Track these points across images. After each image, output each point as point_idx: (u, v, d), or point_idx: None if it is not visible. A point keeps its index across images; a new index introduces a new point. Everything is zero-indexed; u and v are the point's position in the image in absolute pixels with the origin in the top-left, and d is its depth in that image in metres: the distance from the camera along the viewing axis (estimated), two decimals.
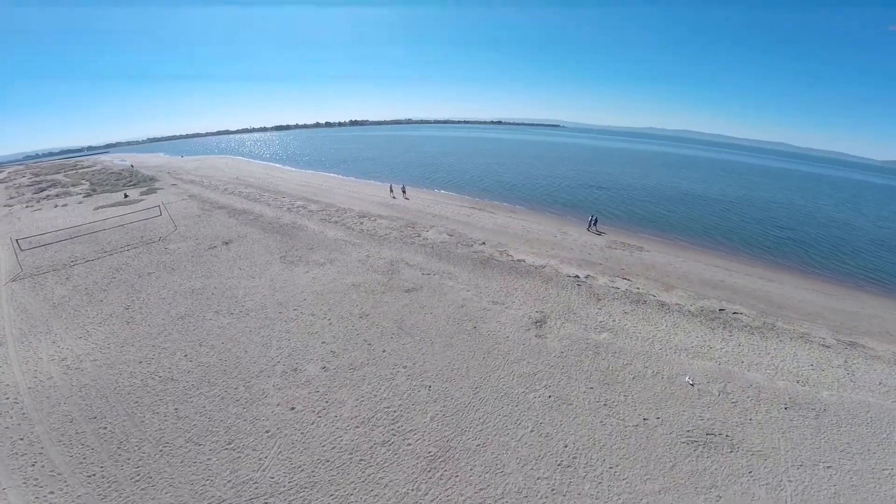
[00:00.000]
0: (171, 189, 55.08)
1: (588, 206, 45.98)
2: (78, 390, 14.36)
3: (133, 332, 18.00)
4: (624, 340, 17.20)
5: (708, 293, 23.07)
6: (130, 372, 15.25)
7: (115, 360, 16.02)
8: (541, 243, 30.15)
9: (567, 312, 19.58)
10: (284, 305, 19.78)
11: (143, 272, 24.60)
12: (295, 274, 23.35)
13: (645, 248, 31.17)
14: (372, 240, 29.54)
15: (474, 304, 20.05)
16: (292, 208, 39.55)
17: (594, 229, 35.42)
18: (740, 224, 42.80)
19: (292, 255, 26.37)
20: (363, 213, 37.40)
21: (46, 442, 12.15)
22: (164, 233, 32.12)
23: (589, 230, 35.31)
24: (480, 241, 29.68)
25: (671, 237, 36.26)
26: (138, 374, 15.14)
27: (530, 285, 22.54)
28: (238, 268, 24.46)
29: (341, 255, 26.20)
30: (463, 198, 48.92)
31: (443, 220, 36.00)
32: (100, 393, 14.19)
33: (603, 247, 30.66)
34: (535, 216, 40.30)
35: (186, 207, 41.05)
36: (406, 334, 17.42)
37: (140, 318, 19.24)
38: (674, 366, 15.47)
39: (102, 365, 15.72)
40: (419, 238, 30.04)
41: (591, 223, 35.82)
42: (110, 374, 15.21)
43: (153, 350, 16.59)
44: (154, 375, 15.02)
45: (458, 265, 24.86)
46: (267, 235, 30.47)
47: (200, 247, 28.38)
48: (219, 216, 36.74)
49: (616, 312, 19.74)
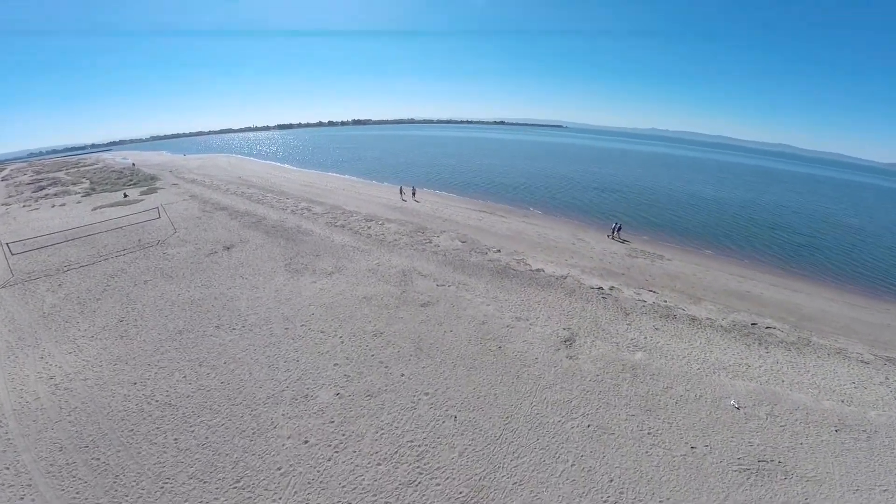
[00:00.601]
0: (172, 189, 53.74)
1: (600, 210, 44.70)
2: (67, 414, 13.06)
3: (127, 348, 16.62)
4: (660, 360, 16.00)
5: (737, 305, 22.09)
6: (124, 394, 13.91)
7: (108, 380, 14.67)
8: (558, 251, 28.76)
9: (596, 329, 18.27)
10: (291, 320, 18.35)
11: (139, 279, 23.24)
12: (301, 284, 21.91)
13: (665, 257, 29.89)
14: (381, 246, 28.08)
15: (496, 320, 18.63)
16: (296, 210, 38.17)
17: (617, 237, 33.68)
18: (754, 229, 41.64)
19: (298, 262, 24.92)
20: (370, 217, 36.00)
21: (35, 473, 10.88)
22: (163, 236, 30.75)
23: (611, 237, 33.62)
24: (495, 248, 28.24)
25: (689, 244, 35.01)
26: (133, 397, 13.79)
27: (553, 298, 21.16)
28: (240, 276, 23.04)
29: (350, 264, 24.72)
30: (472, 200, 47.58)
31: (454, 224, 34.58)
32: (90, 418, 12.86)
33: (623, 255, 29.30)
34: (548, 221, 38.90)
35: (187, 209, 39.69)
36: (425, 356, 16.00)
37: (135, 331, 17.86)
38: (716, 388, 14.50)
39: (94, 385, 14.40)
40: (430, 244, 28.61)
41: (613, 231, 33.97)
42: (102, 396, 13.87)
43: (149, 370, 15.20)
44: (150, 399, 13.66)
45: (474, 275, 23.42)
46: (270, 240, 29.03)
47: (200, 252, 26.98)
48: (220, 218, 35.36)
49: (646, 328, 18.52)
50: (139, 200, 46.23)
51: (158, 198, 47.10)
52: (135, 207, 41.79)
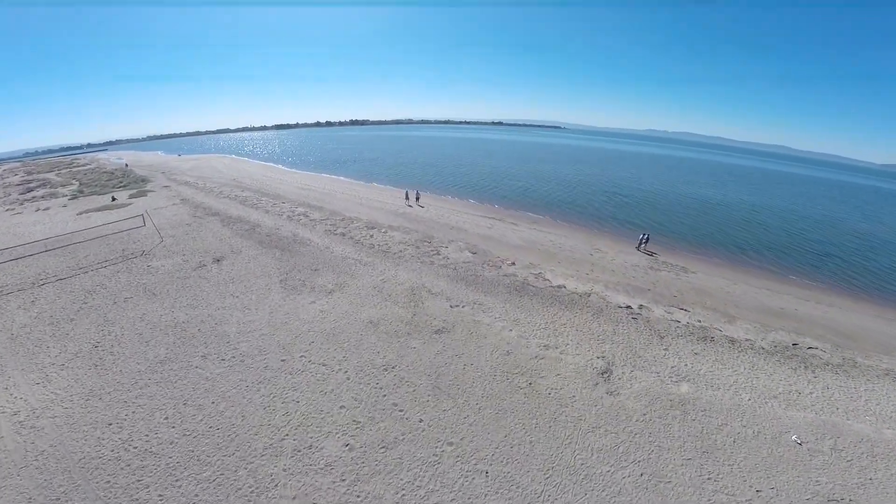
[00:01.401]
0: (163, 192, 51.49)
1: (613, 216, 42.73)
2: (34, 458, 11.24)
3: (101, 379, 14.57)
4: (708, 392, 14.46)
5: (773, 323, 20.51)
6: (98, 437, 11.97)
7: (80, 419, 12.74)
8: (577, 263, 26.64)
9: (632, 356, 16.37)
10: (288, 350, 16.12)
11: (118, 297, 21.05)
12: (298, 304, 19.64)
13: (689, 269, 27.95)
14: (385, 258, 25.81)
15: (522, 349, 16.49)
16: (292, 216, 35.90)
17: (644, 249, 31.27)
18: (769, 237, 39.81)
19: (294, 278, 22.61)
20: (372, 224, 33.76)
21: None
22: (149, 245, 28.47)
23: (639, 250, 31.17)
24: (509, 260, 26.03)
25: (708, 253, 33.20)
26: (108, 441, 11.84)
27: (579, 320, 19.08)
28: (230, 294, 20.78)
29: (352, 280, 22.41)
30: (478, 205, 45.39)
31: (462, 233, 32.33)
32: (61, 464, 11.03)
33: (645, 267, 27.26)
34: (560, 229, 36.71)
35: (176, 214, 37.40)
36: (445, 396, 13.85)
37: (111, 360, 15.76)
38: (772, 421, 13.33)
39: (63, 425, 12.49)
40: (439, 256, 26.36)
41: (641, 242, 31.40)
42: (73, 438, 11.97)
43: (126, 408, 13.18)
44: (128, 445, 11.69)
45: (489, 293, 21.21)
46: (264, 251, 26.70)
47: (187, 265, 24.70)
48: (211, 225, 33.06)
49: (685, 353, 16.78)
50: (127, 204, 44.09)
51: (148, 201, 44.94)
52: (122, 212, 39.60)
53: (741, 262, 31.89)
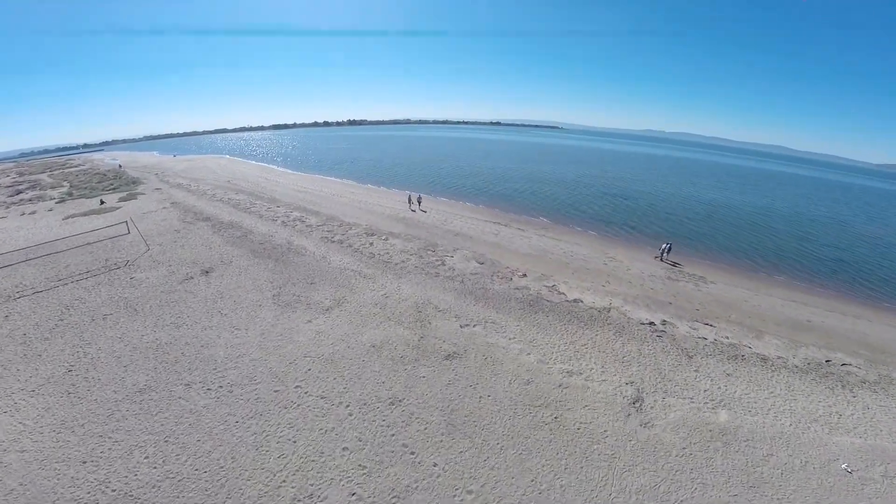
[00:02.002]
0: (154, 194, 49.65)
1: (621, 221, 41.09)
2: (2, 497, 10.01)
3: (75, 409, 13.12)
4: (747, 418, 13.41)
5: (802, 338, 19.39)
6: (72, 477, 10.61)
7: (50, 454, 11.36)
8: (591, 274, 25.00)
9: (662, 380, 15.00)
10: (282, 379, 14.43)
11: (97, 313, 19.40)
12: (293, 324, 17.90)
13: (708, 279, 26.47)
14: (387, 269, 24.03)
15: (543, 376, 14.87)
16: (288, 222, 34.14)
17: (668, 260, 29.23)
18: (781, 242, 38.37)
19: (289, 292, 20.84)
20: (371, 230, 32.02)
21: None
22: (133, 255, 26.69)
23: (662, 261, 29.13)
24: (520, 271, 24.34)
25: (722, 260, 31.69)
26: (83, 481, 10.49)
27: (601, 339, 17.52)
28: (218, 312, 19.04)
29: (351, 295, 20.64)
30: (481, 209, 43.58)
31: (467, 240, 30.59)
32: None
33: (663, 277, 25.71)
34: (570, 235, 34.98)
35: (166, 219, 35.60)
36: (461, 435, 12.21)
37: (85, 386, 14.23)
38: (818, 448, 12.50)
39: (33, 460, 11.14)
40: (444, 267, 24.62)
41: (663, 252, 29.25)
42: (44, 477, 10.62)
43: (101, 443, 11.75)
44: (104, 486, 10.32)
45: (502, 310, 19.53)
46: (257, 262, 24.91)
47: (173, 277, 22.93)
48: (201, 231, 31.26)
49: (717, 375, 15.56)
50: (116, 208, 42.29)
51: (137, 205, 43.17)
52: (109, 217, 37.84)
53: (755, 269, 30.52)
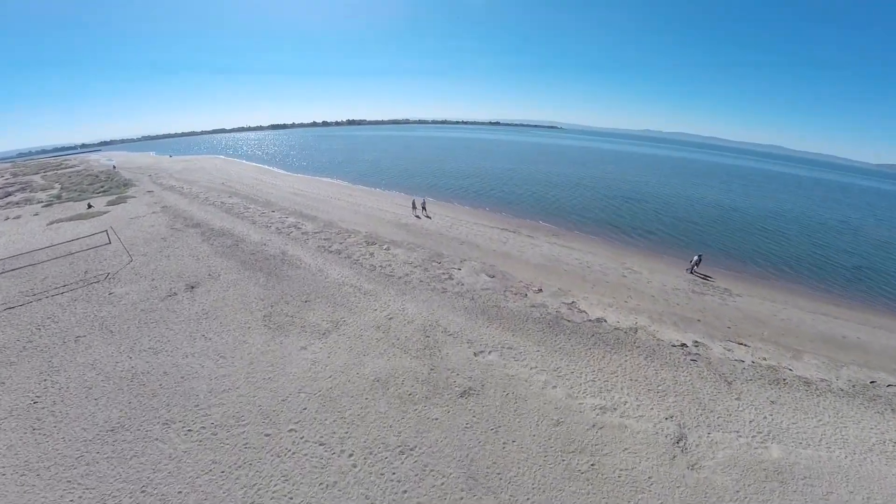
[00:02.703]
0: (145, 197, 47.62)
1: (633, 226, 39.09)
2: None
3: (40, 448, 11.44)
4: (800, 452, 12.14)
5: (841, 357, 17.97)
6: None
7: (15, 500, 9.79)
8: (611, 288, 23.02)
9: (703, 412, 13.34)
10: (273, 420, 12.44)
11: (69, 334, 17.48)
12: (285, 351, 15.84)
13: (732, 291, 24.64)
14: (389, 285, 21.92)
15: (574, 414, 12.93)
16: (282, 228, 32.09)
17: (697, 273, 26.96)
18: (795, 248, 36.35)
19: (281, 312, 18.76)
20: (372, 238, 29.96)
21: None
22: (115, 266, 24.66)
23: (691, 273, 26.86)
24: (534, 285, 22.32)
25: (743, 270, 29.69)
26: None
27: (632, 365, 15.64)
28: (202, 335, 17.00)
29: (351, 316, 18.51)
30: (487, 213, 41.52)
31: (474, 249, 28.48)
32: None
33: (687, 290, 23.79)
34: (582, 242, 32.86)
35: (154, 225, 33.55)
36: (484, 490, 10.30)
37: (52, 422, 12.48)
38: (879, 482, 11.31)
39: None
40: (452, 281, 22.51)
41: (693, 265, 26.83)
42: None
43: (70, 490, 10.11)
44: None
45: (519, 332, 17.51)
46: (247, 275, 22.81)
47: (155, 293, 20.88)
48: (190, 240, 29.20)
49: (761, 403, 14.06)
50: (104, 212, 40.29)
51: (126, 209, 41.15)
52: (95, 222, 35.82)
53: (776, 278, 28.70)
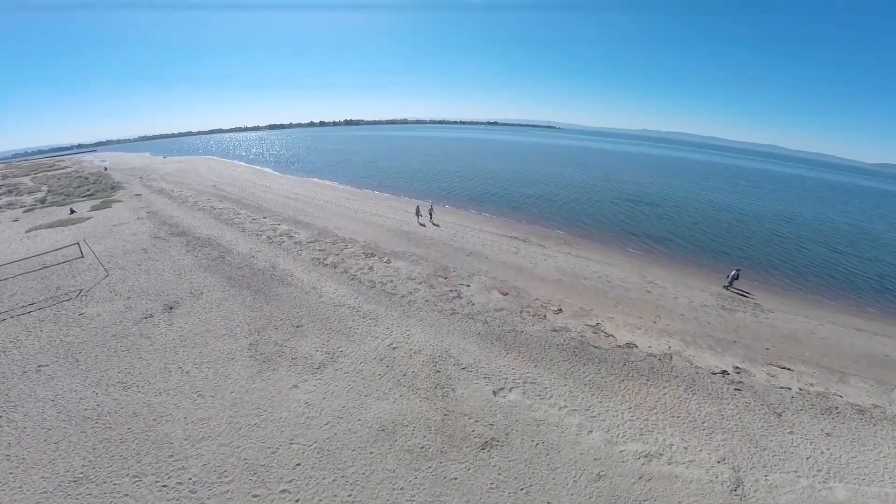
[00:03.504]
0: (132, 201, 45.37)
1: (647, 232, 36.98)
2: None
3: None
4: (867, 490, 10.70)
5: (888, 378, 16.74)
6: None
7: None
8: (636, 305, 20.89)
9: (756, 450, 11.67)
10: (263, 478, 10.25)
11: (31, 363, 15.34)
12: (274, 389, 13.59)
13: (763, 306, 22.76)
14: (391, 305, 19.57)
15: (616, 465, 10.82)
16: (274, 237, 29.78)
17: (735, 288, 24.60)
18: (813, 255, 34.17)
19: (269, 340, 16.43)
20: (370, 248, 27.65)
21: None
22: (89, 282, 22.40)
23: (728, 289, 24.49)
24: (553, 304, 20.08)
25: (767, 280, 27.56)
26: None
27: (671, 398, 13.65)
28: (179, 367, 14.76)
29: (349, 344, 16.14)
30: (493, 219, 39.10)
31: (483, 261, 26.10)
32: None
33: (716, 306, 21.78)
34: (597, 252, 30.41)
35: (136, 233, 31.25)
36: None
37: (7, 468, 10.52)
38: None
39: None
40: (461, 301, 20.16)
41: (731, 280, 24.53)
42: None
43: None
44: None
45: (541, 362, 15.30)
46: (233, 293, 20.47)
47: (130, 315, 18.59)
48: (173, 251, 26.89)
49: (816, 436, 12.57)
50: (87, 218, 38.06)
51: (110, 214, 38.91)
52: (75, 230, 33.58)
53: (803, 289, 26.72)
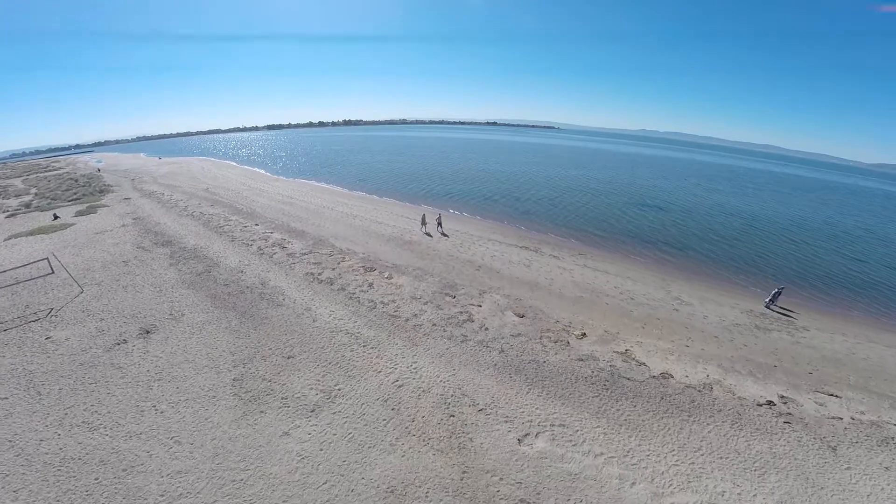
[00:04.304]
0: (119, 206, 43.29)
1: (664, 240, 34.93)
2: None
3: None
4: None
5: None
6: None
7: None
8: (665, 327, 18.84)
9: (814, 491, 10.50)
10: None
11: None
12: (262, 437, 11.53)
13: (797, 323, 20.80)
14: (394, 329, 17.35)
15: None
16: (265, 248, 27.61)
17: (776, 307, 22.49)
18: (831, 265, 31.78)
19: (256, 374, 14.32)
20: (370, 261, 25.48)
21: None
22: (62, 300, 20.32)
23: (770, 308, 22.36)
24: (575, 328, 17.98)
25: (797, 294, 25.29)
26: None
27: (717, 437, 11.96)
28: (153, 406, 12.69)
29: (347, 381, 13.98)
30: (500, 226, 36.85)
31: (494, 276, 23.78)
32: None
33: (750, 326, 19.83)
34: (615, 263, 28.02)
35: (119, 243, 29.13)
36: None
37: None
38: None
39: None
40: (472, 325, 17.88)
41: (772, 298, 22.42)
42: None
43: None
44: None
45: (570, 399, 13.29)
46: (216, 315, 18.29)
47: (101, 339, 16.50)
48: (156, 264, 24.75)
49: (874, 471, 11.24)
50: (69, 224, 36.00)
51: (95, 221, 36.85)
52: (55, 238, 31.47)
53: (831, 302, 24.70)
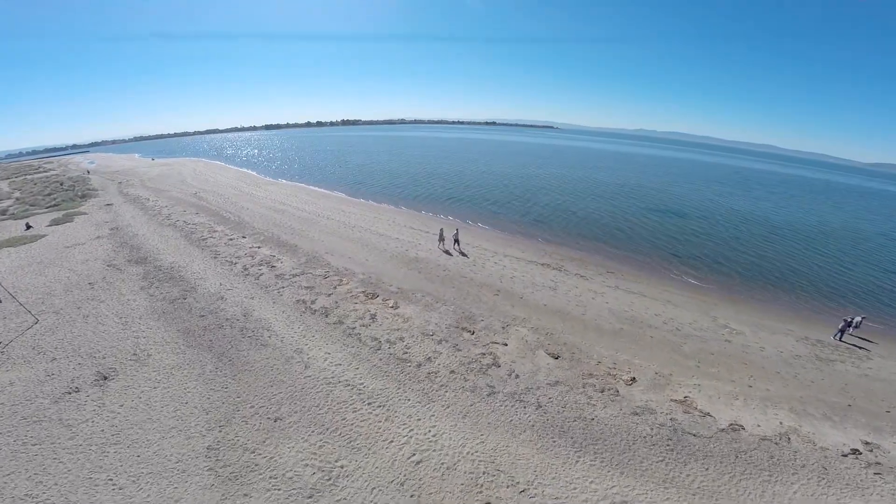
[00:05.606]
0: (99, 213, 40.34)
1: (690, 252, 32.05)
2: None
3: None
4: None
5: None
6: None
7: None
8: (722, 363, 15.85)
9: None
10: None
11: None
12: None
13: (858, 352, 18.24)
14: (405, 379, 14.08)
15: None
16: (250, 267, 24.26)
17: (858, 336, 19.27)
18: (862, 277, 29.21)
19: (236, 442, 11.28)
20: (372, 284, 22.03)
21: None
22: (12, 331, 17.27)
23: (840, 341, 18.83)
24: (623, 371, 14.86)
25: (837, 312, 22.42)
26: None
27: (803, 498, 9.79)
28: (109, 479, 9.60)
29: (351, 454, 10.86)
30: (515, 239, 33.20)
31: (517, 302, 20.37)
32: None
33: (811, 357, 17.19)
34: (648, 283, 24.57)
35: (88, 259, 26.01)
36: None
37: None
38: None
39: None
40: (499, 370, 14.58)
41: (850, 327, 18.88)
42: None
43: None
44: None
45: (629, 468, 10.46)
46: (189, 358, 15.11)
47: (50, 386, 13.43)
48: (125, 287, 21.49)
49: None
50: (41, 235, 33.01)
51: (69, 231, 33.95)
52: (21, 252, 28.50)
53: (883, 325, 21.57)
